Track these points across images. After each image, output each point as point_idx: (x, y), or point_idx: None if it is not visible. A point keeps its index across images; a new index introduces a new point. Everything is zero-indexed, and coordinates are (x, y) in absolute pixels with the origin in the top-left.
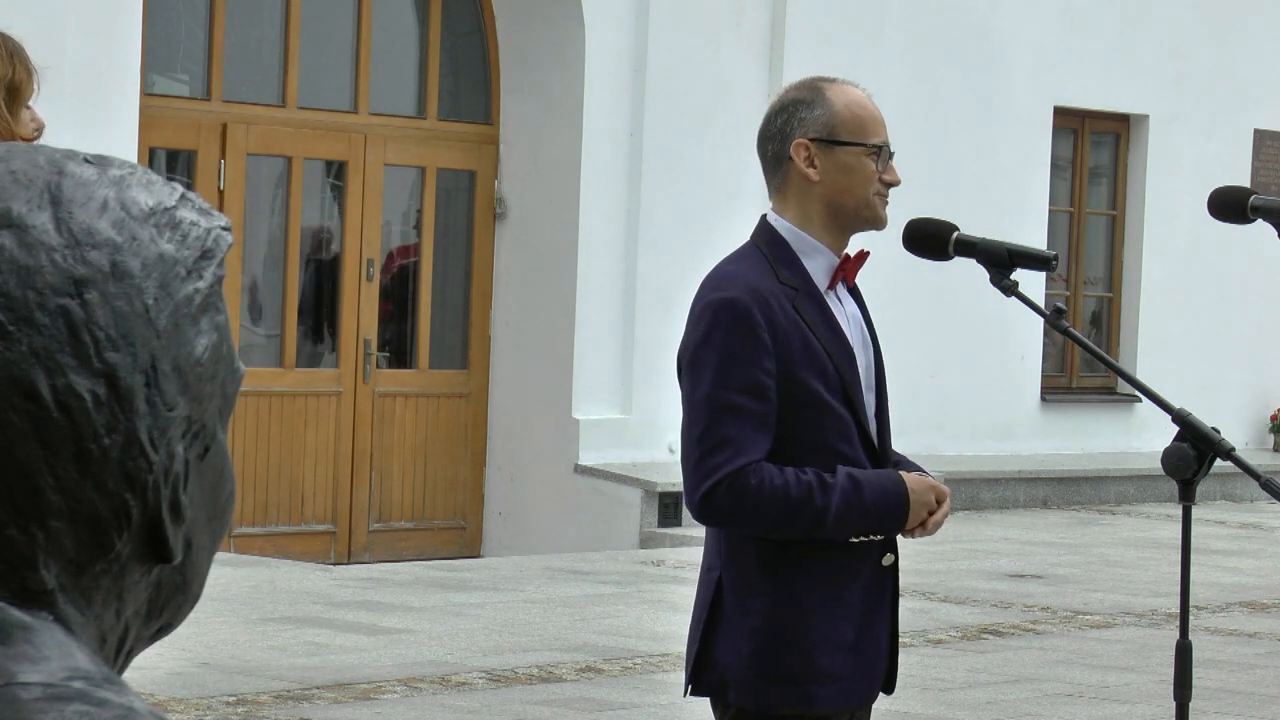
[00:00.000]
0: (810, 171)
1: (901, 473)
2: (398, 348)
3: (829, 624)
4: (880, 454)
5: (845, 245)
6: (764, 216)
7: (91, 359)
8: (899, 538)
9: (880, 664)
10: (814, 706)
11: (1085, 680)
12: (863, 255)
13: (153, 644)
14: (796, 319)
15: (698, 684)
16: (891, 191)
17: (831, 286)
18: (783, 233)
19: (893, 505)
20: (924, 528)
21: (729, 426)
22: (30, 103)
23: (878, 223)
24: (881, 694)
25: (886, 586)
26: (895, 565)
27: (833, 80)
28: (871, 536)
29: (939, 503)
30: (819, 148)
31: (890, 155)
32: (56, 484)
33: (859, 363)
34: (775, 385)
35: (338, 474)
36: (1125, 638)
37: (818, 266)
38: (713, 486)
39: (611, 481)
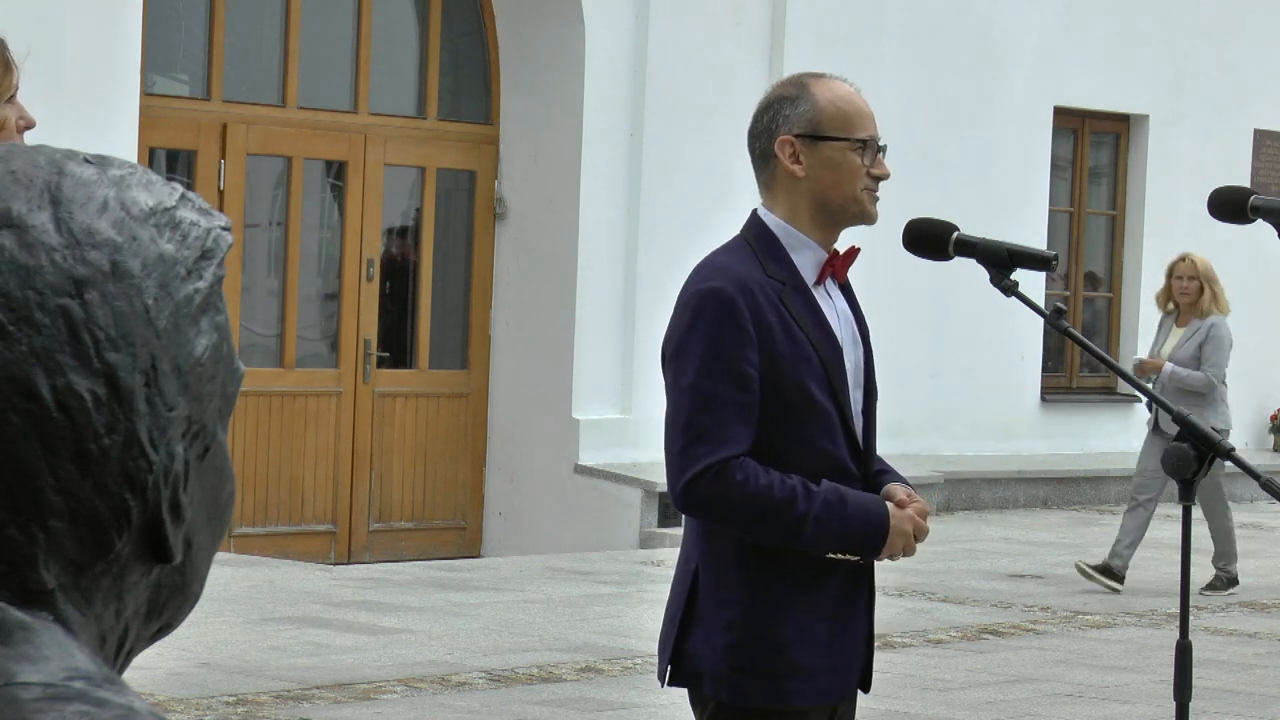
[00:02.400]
0: (795, 168)
1: (888, 498)
2: (398, 348)
3: (804, 619)
4: (864, 452)
5: (834, 241)
6: (754, 211)
7: (91, 359)
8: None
9: (856, 661)
10: (788, 702)
11: (1085, 680)
12: (853, 252)
13: (153, 644)
14: (782, 312)
15: (675, 674)
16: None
17: (820, 281)
18: (772, 227)
19: (873, 529)
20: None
21: (713, 416)
22: (16, 98)
23: (866, 218)
24: (863, 694)
25: (862, 583)
26: (871, 562)
27: (819, 76)
28: (847, 556)
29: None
30: (804, 143)
31: (881, 149)
32: (56, 484)
33: (848, 359)
34: (759, 377)
35: (338, 474)
36: (1125, 638)
37: (806, 261)
38: (696, 475)
39: (611, 481)
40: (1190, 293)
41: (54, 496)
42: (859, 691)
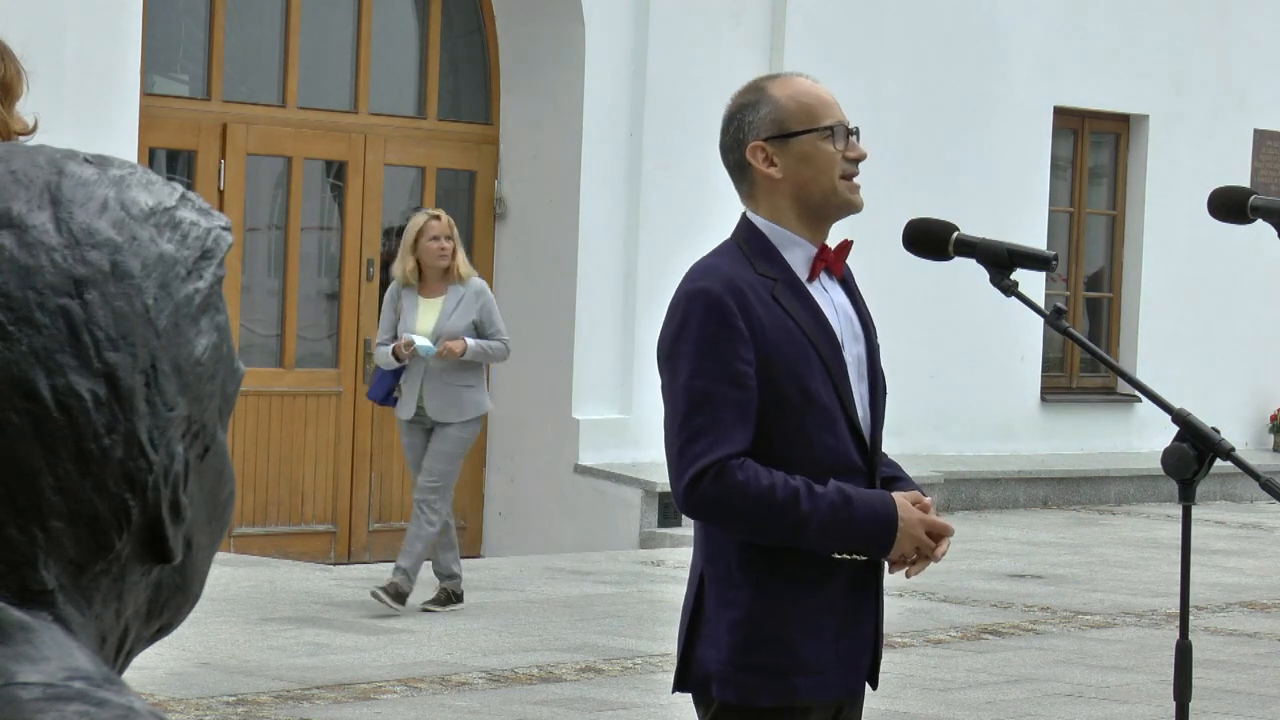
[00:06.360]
0: (771, 170)
1: (896, 496)
2: None
3: (811, 615)
4: (870, 446)
5: (824, 237)
6: (744, 214)
7: (91, 359)
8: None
9: (864, 657)
10: (796, 698)
11: (1085, 680)
12: (845, 245)
13: (153, 644)
14: (775, 308)
15: (682, 681)
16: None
17: (813, 277)
18: (760, 228)
19: (880, 528)
20: (913, 566)
21: (709, 415)
22: (21, 103)
23: (850, 208)
24: (870, 690)
25: (870, 579)
26: (880, 561)
27: (775, 76)
28: (855, 556)
29: (937, 539)
30: (774, 145)
31: (852, 132)
32: (56, 484)
33: (849, 354)
34: (754, 374)
35: (338, 474)
36: (1125, 638)
37: (797, 258)
38: (696, 476)
39: (611, 481)
40: (449, 255)
41: (54, 496)
42: (868, 687)
